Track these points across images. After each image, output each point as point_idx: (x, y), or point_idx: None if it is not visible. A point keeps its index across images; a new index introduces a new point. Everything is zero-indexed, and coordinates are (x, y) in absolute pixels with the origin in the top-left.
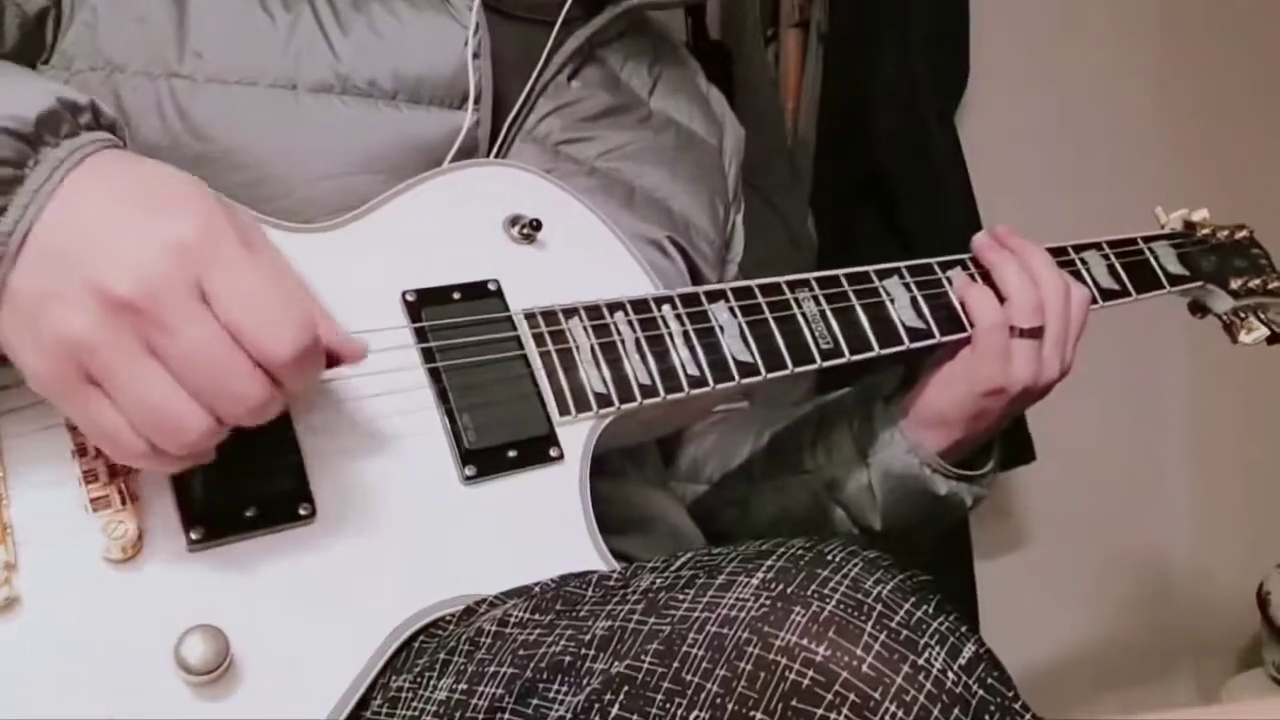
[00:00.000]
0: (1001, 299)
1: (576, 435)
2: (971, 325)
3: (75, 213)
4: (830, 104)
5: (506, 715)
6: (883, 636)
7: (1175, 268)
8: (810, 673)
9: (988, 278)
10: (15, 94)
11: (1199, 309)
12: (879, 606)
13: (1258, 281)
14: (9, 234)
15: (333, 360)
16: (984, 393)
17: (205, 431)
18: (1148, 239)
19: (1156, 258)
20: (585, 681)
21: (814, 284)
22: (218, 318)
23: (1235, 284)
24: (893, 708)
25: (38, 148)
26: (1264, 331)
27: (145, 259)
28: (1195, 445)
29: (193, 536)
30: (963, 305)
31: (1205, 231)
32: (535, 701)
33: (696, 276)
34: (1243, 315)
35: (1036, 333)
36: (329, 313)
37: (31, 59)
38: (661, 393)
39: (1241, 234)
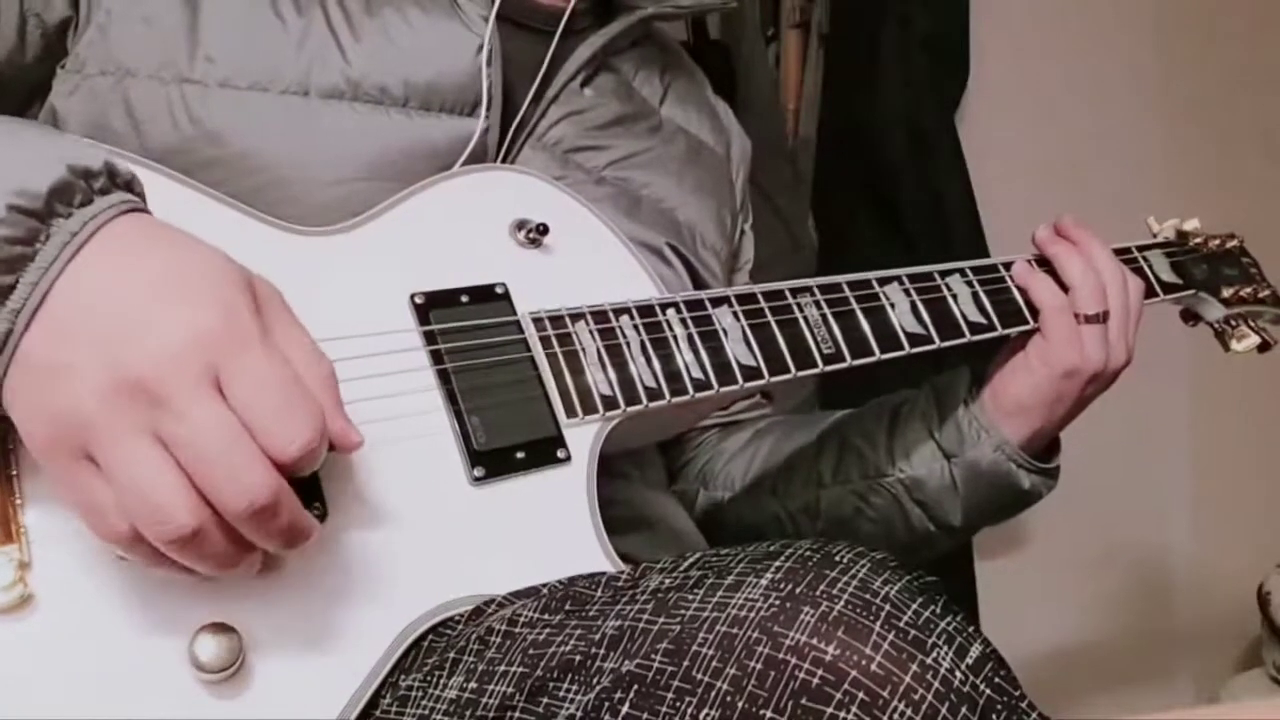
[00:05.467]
0: (1064, 288)
1: (583, 437)
2: (1036, 313)
3: (94, 285)
4: (830, 104)
5: (517, 714)
6: (891, 636)
7: (1168, 276)
8: (820, 672)
9: (1045, 271)
10: (24, 163)
11: (1191, 317)
12: (887, 606)
13: (1249, 290)
14: (17, 311)
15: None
16: (1060, 375)
17: (186, 524)
18: (1141, 248)
19: (1150, 266)
20: (595, 680)
21: (816, 289)
22: (231, 408)
23: (1227, 292)
24: (901, 706)
25: (49, 221)
26: (1255, 340)
27: (165, 343)
28: (1195, 445)
29: None
30: (1024, 293)
31: (1197, 241)
32: (545, 700)
33: (698, 285)
34: (1234, 323)
35: (1100, 318)
36: (337, 399)
37: (51, 67)
38: (666, 395)
39: (1232, 243)
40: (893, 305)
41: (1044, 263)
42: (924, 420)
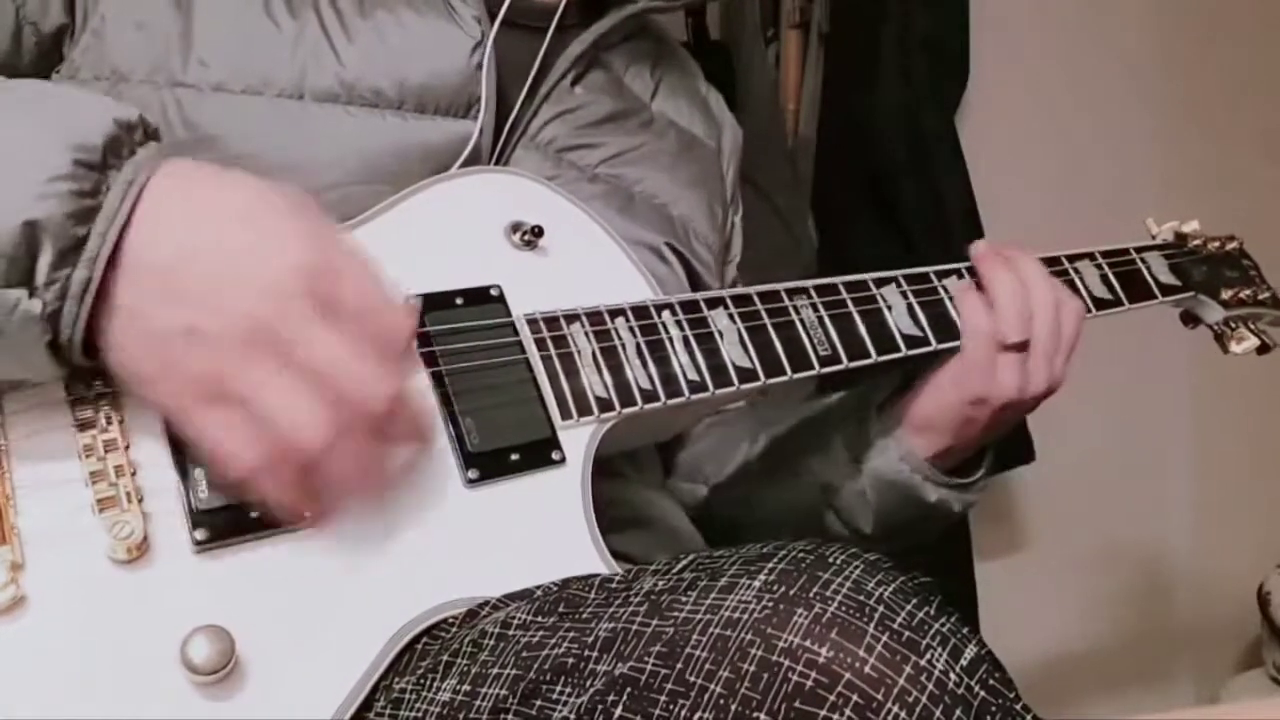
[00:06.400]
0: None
1: (578, 439)
2: (961, 333)
3: (173, 233)
4: (830, 104)
5: (510, 716)
6: (885, 638)
7: (1167, 278)
8: (813, 674)
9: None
10: (77, 120)
11: (1190, 319)
12: (881, 608)
13: (1248, 292)
14: (94, 259)
15: None
16: (968, 400)
17: (328, 433)
18: (1140, 249)
19: (1149, 268)
20: (589, 683)
21: (812, 291)
22: (341, 326)
23: (1226, 294)
24: (895, 708)
25: (106, 172)
26: (1254, 341)
27: (273, 285)
28: (1195, 445)
29: (198, 537)
30: (958, 313)
31: (1196, 242)
32: (539, 703)
33: (695, 282)
34: (1233, 325)
35: (1023, 346)
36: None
37: (47, 75)
38: (662, 397)
39: (1232, 245)
40: (889, 307)
41: None
42: (842, 425)
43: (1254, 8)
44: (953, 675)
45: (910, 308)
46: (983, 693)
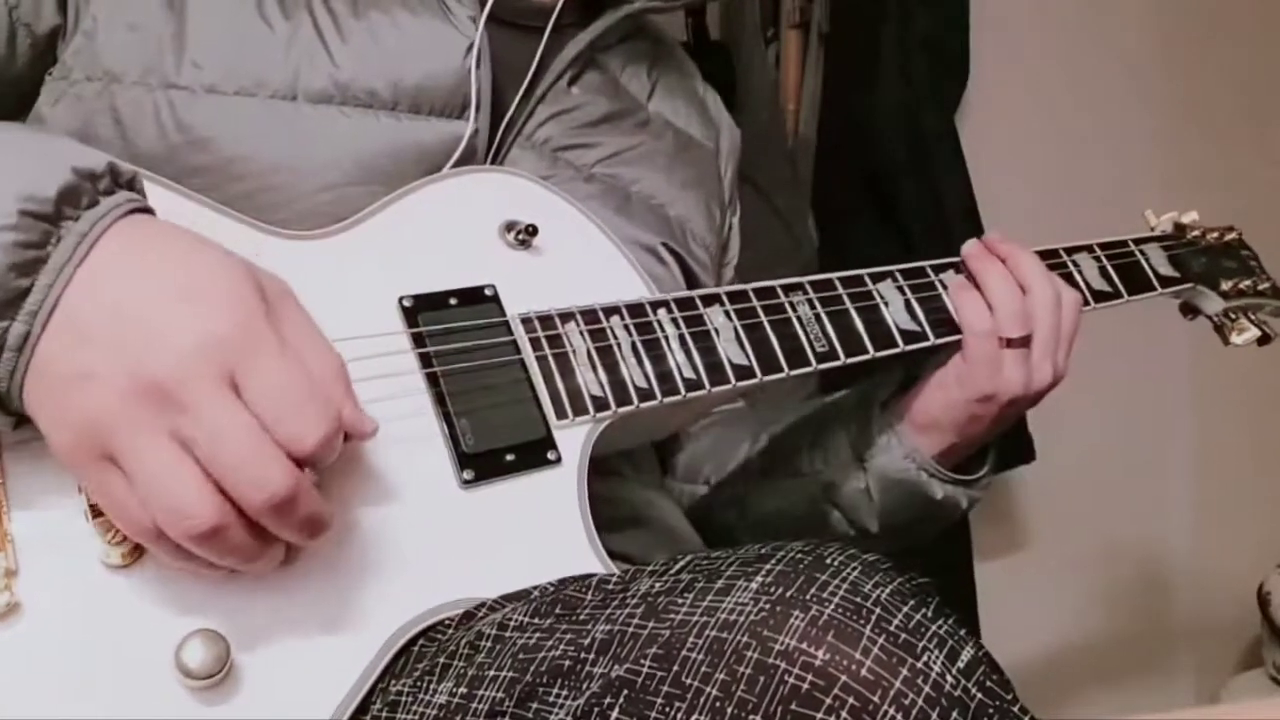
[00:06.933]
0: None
1: (574, 438)
2: (961, 332)
3: (107, 288)
4: (830, 104)
5: (506, 719)
6: (881, 640)
7: (1166, 269)
8: (809, 677)
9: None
10: (31, 168)
11: (1190, 310)
12: (878, 610)
13: (1248, 283)
14: (34, 313)
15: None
16: (974, 399)
17: (207, 520)
18: (1139, 241)
19: (1147, 259)
20: (585, 685)
21: (808, 287)
22: (248, 407)
23: (1226, 285)
24: (891, 711)
25: (59, 224)
26: (1255, 332)
27: (181, 348)
28: (1195, 445)
29: None
30: (955, 310)
31: (1195, 233)
32: (535, 705)
33: (692, 283)
34: (1233, 316)
35: (1025, 341)
36: (349, 391)
37: (41, 75)
38: (658, 396)
39: (1231, 236)
40: (886, 302)
41: None
42: (844, 424)
43: (1254, 8)
44: (949, 677)
45: (908, 303)
46: (980, 695)
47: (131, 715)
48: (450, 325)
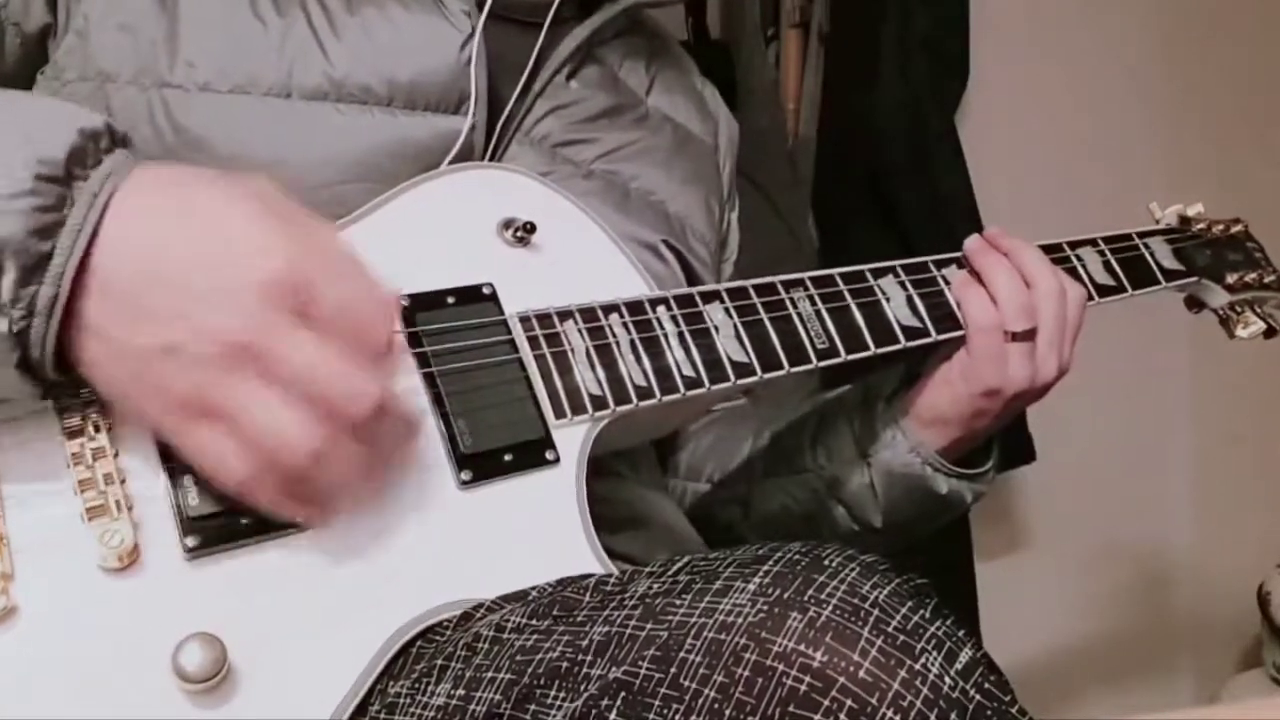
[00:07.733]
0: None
1: (573, 438)
2: (966, 327)
3: (145, 251)
4: (830, 104)
5: None
6: (879, 641)
7: (1170, 263)
8: (807, 678)
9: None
10: (38, 133)
11: (1195, 304)
12: (876, 611)
13: (1253, 276)
14: (60, 275)
15: None
16: (980, 393)
17: (314, 444)
18: (1143, 234)
19: (1152, 253)
20: (583, 687)
21: (809, 283)
22: (320, 331)
23: (1231, 278)
24: (889, 713)
25: (71, 185)
26: (1260, 326)
27: (249, 301)
28: (1195, 445)
29: (189, 544)
30: (958, 306)
31: (1200, 226)
32: (533, 707)
33: (692, 280)
34: (1239, 310)
35: (1030, 335)
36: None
37: (31, 74)
38: (657, 394)
39: (1237, 228)
40: (888, 298)
41: None
42: (848, 419)
43: (1254, 8)
44: (948, 679)
45: (909, 299)
46: (978, 696)
47: (129, 719)
48: (447, 325)
